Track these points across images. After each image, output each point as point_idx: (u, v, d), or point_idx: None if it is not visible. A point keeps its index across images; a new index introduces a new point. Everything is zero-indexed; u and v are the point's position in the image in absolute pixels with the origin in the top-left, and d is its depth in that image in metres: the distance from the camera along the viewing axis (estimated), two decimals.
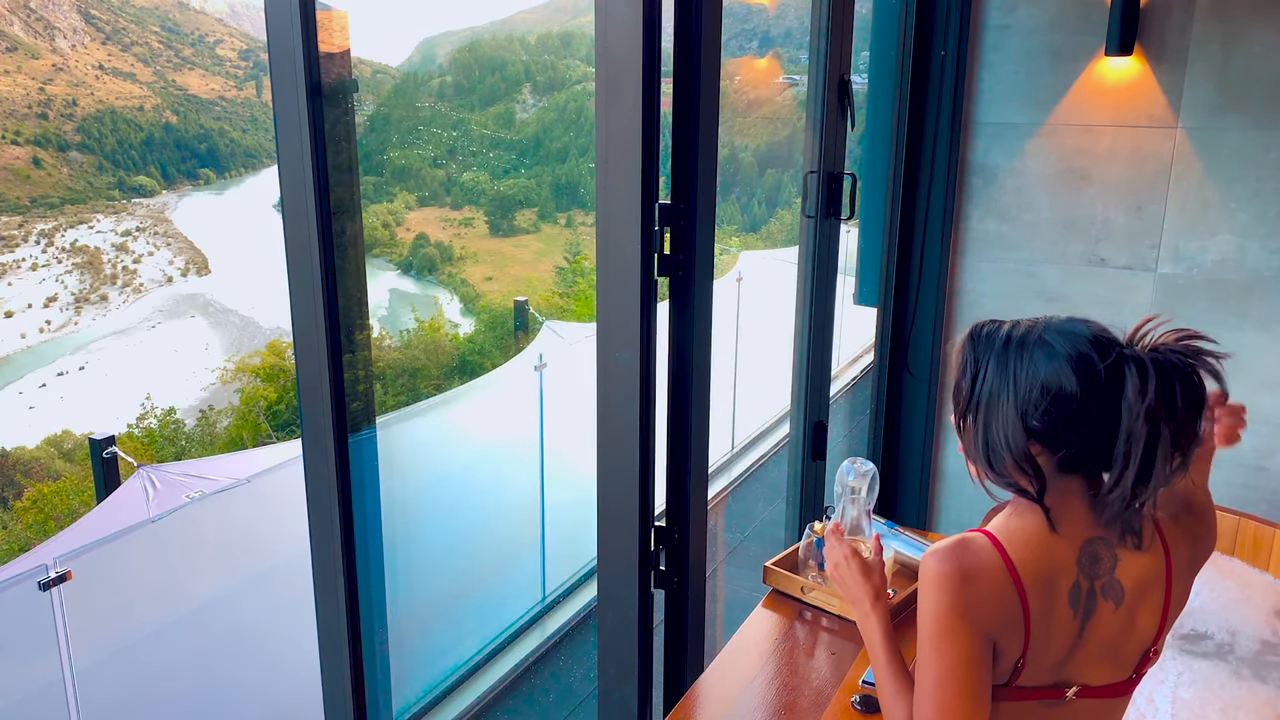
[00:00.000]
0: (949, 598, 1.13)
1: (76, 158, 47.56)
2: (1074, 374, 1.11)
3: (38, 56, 48.73)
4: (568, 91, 44.02)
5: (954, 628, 1.13)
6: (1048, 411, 1.12)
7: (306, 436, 1.93)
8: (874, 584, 1.40)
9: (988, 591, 1.13)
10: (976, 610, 1.12)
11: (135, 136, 50.08)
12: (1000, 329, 1.19)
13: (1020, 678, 1.17)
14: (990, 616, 1.13)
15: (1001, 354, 1.16)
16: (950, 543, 1.17)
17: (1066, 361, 1.11)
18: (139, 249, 45.86)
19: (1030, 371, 1.13)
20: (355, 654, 2.04)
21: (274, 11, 1.71)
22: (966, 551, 1.15)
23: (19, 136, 45.68)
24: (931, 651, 1.14)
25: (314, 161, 1.75)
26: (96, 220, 46.36)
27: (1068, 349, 1.12)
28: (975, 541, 1.16)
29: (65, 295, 42.26)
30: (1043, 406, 1.12)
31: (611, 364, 1.81)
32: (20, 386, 36.33)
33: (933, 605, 1.14)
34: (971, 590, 1.13)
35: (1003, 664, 1.16)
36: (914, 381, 3.51)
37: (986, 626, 1.13)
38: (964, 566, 1.13)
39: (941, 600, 1.13)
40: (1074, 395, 1.11)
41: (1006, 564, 1.14)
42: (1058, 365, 1.12)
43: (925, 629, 1.15)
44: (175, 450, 24.91)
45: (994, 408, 1.16)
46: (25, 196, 44.60)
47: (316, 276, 1.81)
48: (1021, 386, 1.14)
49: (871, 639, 1.35)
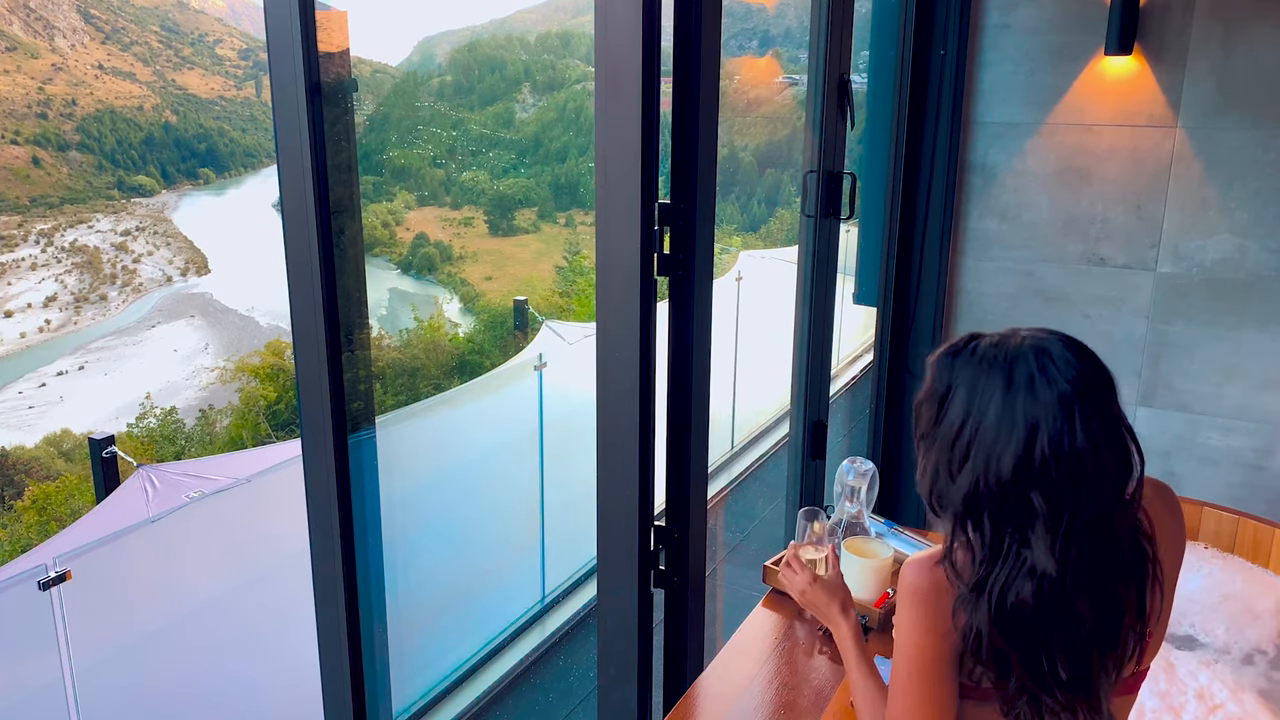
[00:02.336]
0: (920, 608, 1.17)
1: (76, 157, 47.56)
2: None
3: (37, 56, 48.72)
4: (567, 91, 43.99)
5: (922, 640, 1.17)
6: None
7: (306, 436, 1.93)
8: (839, 598, 1.57)
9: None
10: (945, 619, 1.15)
11: (135, 136, 50.09)
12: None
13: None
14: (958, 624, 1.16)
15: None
16: (927, 554, 1.19)
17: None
18: (138, 249, 45.88)
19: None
20: (355, 654, 2.04)
21: (273, 11, 1.71)
22: (940, 566, 1.16)
23: (18, 136, 45.69)
24: (903, 659, 1.19)
25: (313, 161, 1.75)
26: (96, 220, 46.37)
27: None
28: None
29: (65, 295, 42.27)
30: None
31: (611, 363, 1.80)
32: (20, 386, 36.32)
33: (904, 615, 1.19)
34: (943, 600, 1.15)
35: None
36: (914, 381, 3.51)
37: (954, 636, 1.15)
38: (936, 577, 1.15)
39: (913, 611, 1.18)
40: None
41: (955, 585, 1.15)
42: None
43: (899, 637, 1.20)
44: (175, 450, 24.92)
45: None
46: (25, 196, 44.60)
47: (316, 276, 1.81)
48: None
49: (843, 644, 1.49)
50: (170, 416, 27.80)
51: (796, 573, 1.65)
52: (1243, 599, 2.16)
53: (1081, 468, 1.06)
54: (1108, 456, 1.07)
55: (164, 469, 6.40)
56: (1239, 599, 2.16)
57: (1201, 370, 3.12)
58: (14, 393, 35.85)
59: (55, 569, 3.31)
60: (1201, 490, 3.12)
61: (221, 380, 33.17)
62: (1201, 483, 3.17)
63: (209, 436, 26.60)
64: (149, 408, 28.67)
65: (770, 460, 5.44)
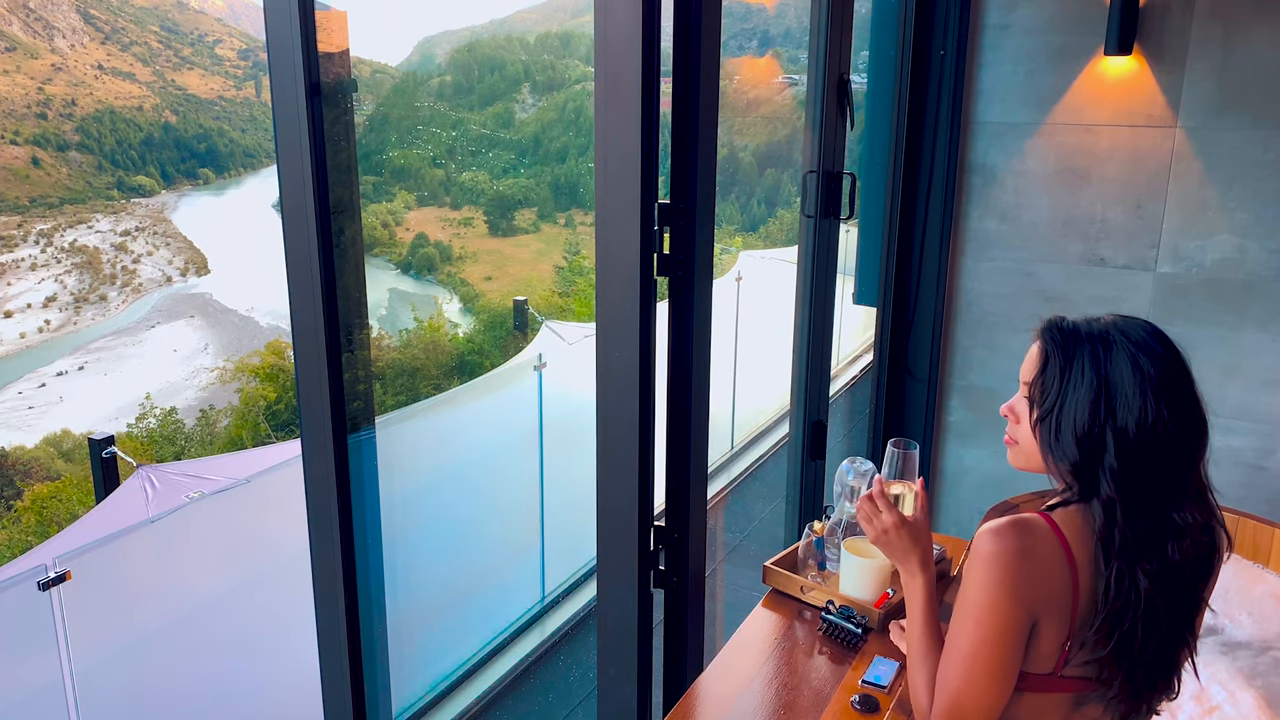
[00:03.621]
0: (1002, 573, 1.16)
1: (75, 157, 47.55)
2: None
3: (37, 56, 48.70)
4: (567, 91, 43.98)
5: (1000, 603, 1.16)
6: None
7: (306, 436, 1.93)
8: (923, 546, 1.42)
9: (1043, 570, 1.16)
10: (1028, 588, 1.16)
11: (134, 136, 50.08)
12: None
13: (1066, 666, 1.19)
14: (1039, 596, 1.16)
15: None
16: (1009, 520, 1.19)
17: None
18: (138, 249, 45.86)
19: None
20: (355, 654, 2.04)
21: (273, 11, 1.71)
22: (1025, 531, 1.18)
23: (18, 136, 45.68)
24: (971, 623, 1.17)
25: (313, 161, 1.75)
26: (96, 220, 46.36)
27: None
28: (1034, 521, 1.19)
29: (64, 295, 42.25)
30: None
31: (611, 363, 1.80)
32: (20, 386, 36.31)
33: (983, 578, 1.17)
34: (1027, 568, 1.16)
35: (1046, 647, 1.18)
36: (913, 381, 3.51)
37: (1033, 606, 1.16)
38: (1022, 544, 1.16)
39: (994, 575, 1.16)
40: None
41: (1064, 546, 1.17)
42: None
43: (969, 600, 1.18)
44: (175, 450, 24.92)
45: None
46: (24, 196, 44.59)
47: (316, 276, 1.81)
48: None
49: (914, 598, 1.39)
50: (170, 417, 27.78)
51: (880, 510, 1.45)
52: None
53: (1195, 430, 1.18)
54: (1193, 430, 1.18)
55: (164, 469, 6.39)
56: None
57: (1201, 370, 3.09)
58: (14, 393, 35.84)
59: (55, 569, 3.31)
60: None
61: (221, 380, 33.18)
62: None
63: (209, 437, 26.61)
64: (149, 408, 28.65)
65: (770, 460, 5.44)
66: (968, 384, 3.48)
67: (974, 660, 1.17)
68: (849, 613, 1.82)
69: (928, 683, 1.28)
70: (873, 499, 1.47)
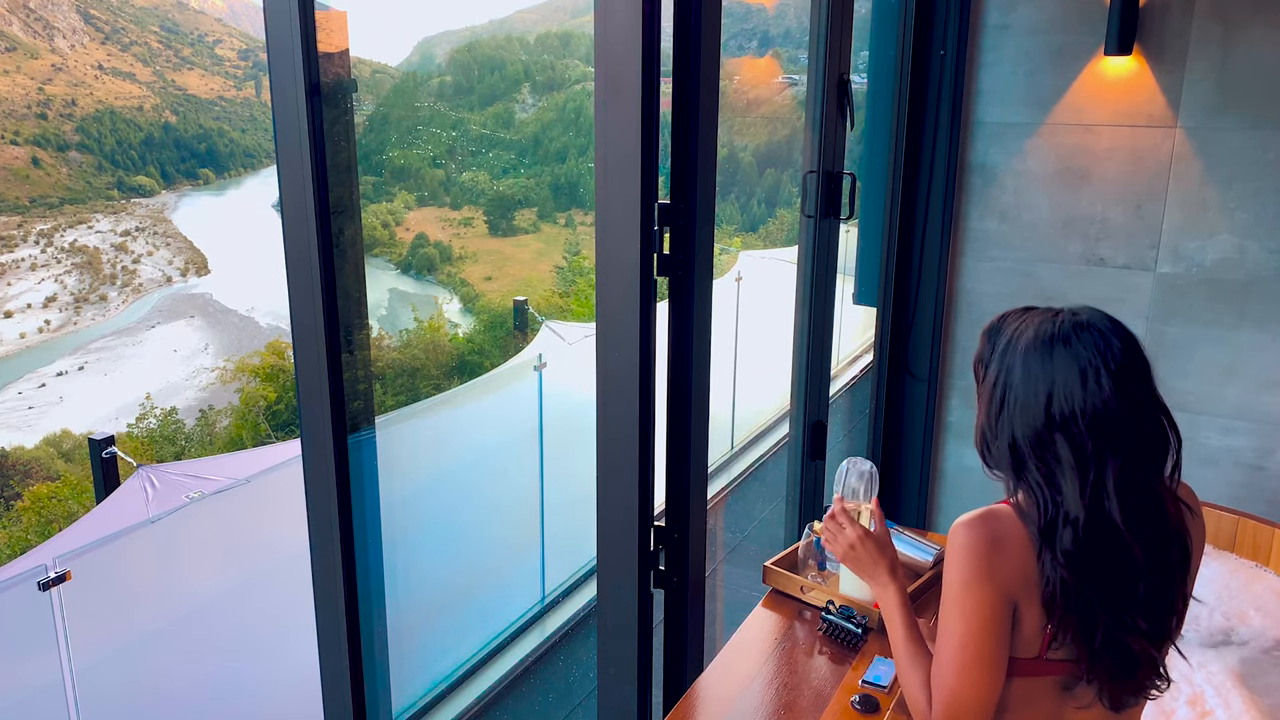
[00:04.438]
0: (978, 560, 1.19)
1: (75, 158, 47.57)
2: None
3: (37, 56, 48.72)
4: (567, 91, 43.99)
5: (980, 590, 1.19)
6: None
7: (306, 436, 1.93)
8: (888, 556, 1.49)
9: (1013, 555, 1.20)
10: (1001, 573, 1.19)
11: (134, 136, 50.11)
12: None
13: (1050, 649, 1.21)
14: (1015, 580, 1.19)
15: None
16: (978, 512, 1.23)
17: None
18: (138, 249, 45.89)
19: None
20: (355, 654, 2.04)
21: (273, 11, 1.71)
22: (994, 519, 1.22)
23: (18, 136, 45.69)
24: (956, 616, 1.21)
25: (313, 161, 1.75)
26: (96, 220, 46.38)
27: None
28: (1001, 510, 1.23)
29: (64, 295, 42.26)
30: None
31: (611, 363, 1.80)
32: (20, 386, 36.32)
33: (960, 568, 1.20)
34: (998, 554, 1.19)
35: (1029, 630, 1.21)
36: (913, 381, 3.51)
37: (1010, 590, 1.19)
38: (992, 532, 1.21)
39: (970, 562, 1.20)
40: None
41: (1029, 532, 1.21)
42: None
43: (950, 593, 1.22)
44: (175, 450, 24.93)
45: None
46: (24, 196, 44.60)
47: (316, 276, 1.81)
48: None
49: (890, 607, 1.43)
50: (170, 417, 27.79)
51: (843, 527, 1.51)
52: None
53: (1105, 423, 1.16)
54: (1134, 419, 1.18)
55: (164, 469, 6.39)
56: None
57: (1201, 370, 3.12)
58: (14, 393, 35.86)
59: (55, 569, 3.31)
60: (1201, 490, 3.09)
61: (221, 380, 33.20)
62: (1201, 483, 3.15)
63: (209, 437, 26.62)
64: (149, 408, 28.66)
65: (770, 460, 5.44)
66: (968, 384, 3.48)
67: (964, 652, 1.20)
68: (849, 613, 1.83)
69: (923, 685, 1.30)
70: (834, 517, 1.54)
